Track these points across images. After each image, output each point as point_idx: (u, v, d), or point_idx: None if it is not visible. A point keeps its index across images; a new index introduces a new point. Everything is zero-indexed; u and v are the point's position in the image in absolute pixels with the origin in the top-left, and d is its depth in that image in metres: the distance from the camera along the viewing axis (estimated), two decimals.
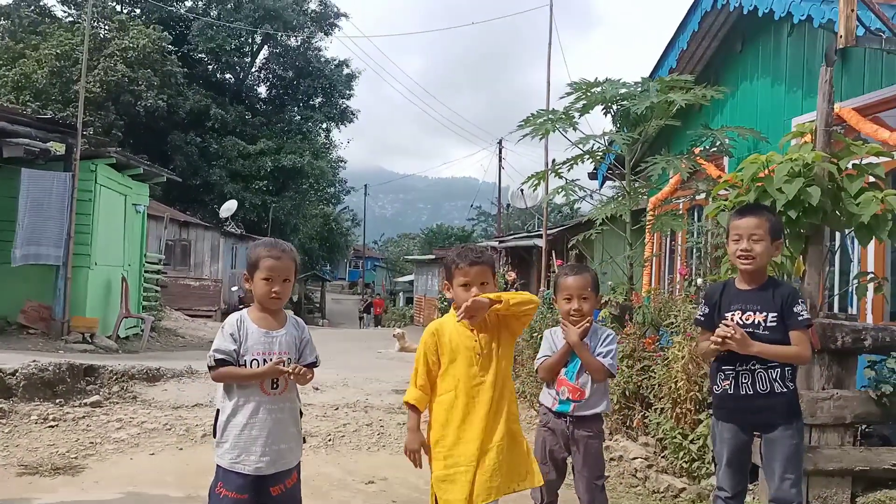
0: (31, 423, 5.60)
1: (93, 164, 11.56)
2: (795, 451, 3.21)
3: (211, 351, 3.01)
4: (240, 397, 3.06)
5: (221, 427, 3.05)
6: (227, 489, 3.04)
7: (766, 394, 3.22)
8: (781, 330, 3.21)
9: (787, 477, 3.20)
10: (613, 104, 6.59)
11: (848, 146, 4.61)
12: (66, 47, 26.89)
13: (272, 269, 3.12)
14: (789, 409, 3.24)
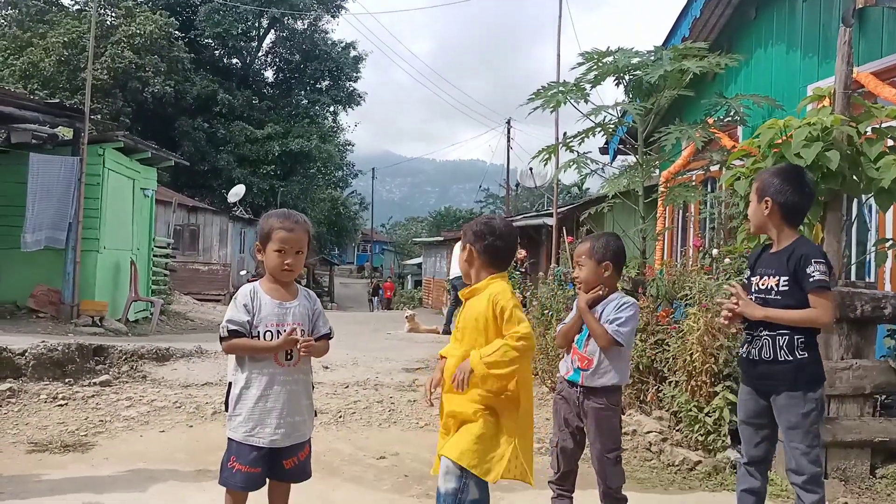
0: (41, 402, 5.58)
1: (100, 148, 11.51)
2: (802, 421, 3.08)
3: (224, 322, 2.96)
4: (253, 369, 3.02)
5: (234, 400, 3.02)
6: (240, 463, 3.00)
7: (770, 361, 3.14)
8: (796, 294, 3.09)
9: (796, 447, 3.11)
10: (626, 74, 6.45)
11: (868, 109, 4.50)
12: (73, 35, 26.88)
13: (284, 240, 3.08)
14: (794, 377, 3.09)
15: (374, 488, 4.22)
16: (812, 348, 3.12)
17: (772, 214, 3.20)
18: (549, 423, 5.74)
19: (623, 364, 3.45)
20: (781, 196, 3.17)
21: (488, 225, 3.07)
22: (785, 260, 3.14)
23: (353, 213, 50.72)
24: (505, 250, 3.05)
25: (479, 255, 3.04)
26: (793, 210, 3.19)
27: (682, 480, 4.54)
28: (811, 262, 3.05)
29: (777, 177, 3.22)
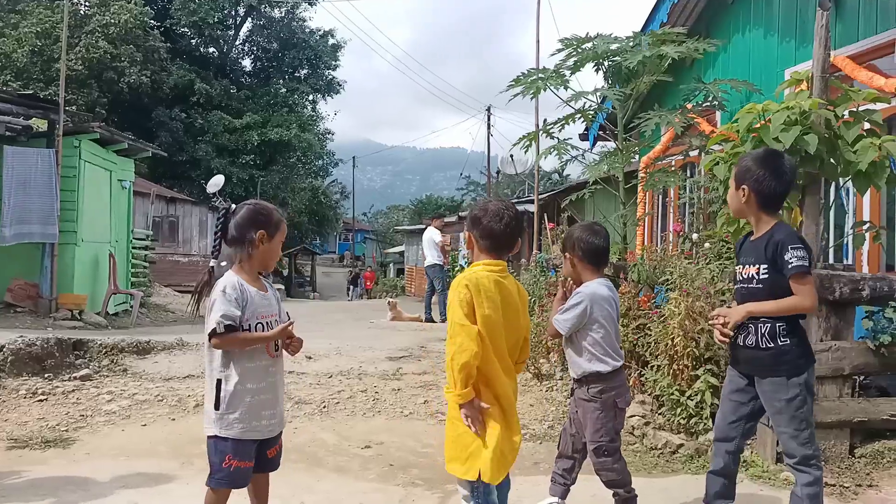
0: (20, 398, 5.52)
1: (76, 139, 11.35)
2: (787, 406, 3.10)
3: (217, 317, 2.86)
4: (247, 363, 2.99)
5: (227, 397, 2.94)
6: (237, 459, 2.97)
7: (753, 347, 3.17)
8: (777, 281, 3.09)
9: (783, 431, 3.15)
10: (605, 60, 6.45)
11: (845, 93, 4.53)
12: (47, 25, 26.41)
13: (284, 233, 3.17)
14: (776, 363, 3.12)
15: (360, 478, 4.22)
16: (794, 334, 3.12)
17: (749, 201, 3.19)
18: (532, 409, 5.78)
19: (590, 351, 3.42)
20: (758, 183, 3.15)
21: (481, 208, 3.00)
22: (763, 248, 3.14)
23: (334, 202, 50.48)
24: (500, 232, 2.93)
25: (477, 240, 2.98)
26: (770, 197, 3.17)
27: (665, 464, 4.58)
28: (788, 249, 3.04)
29: (755, 163, 3.19)
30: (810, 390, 3.15)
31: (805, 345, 3.18)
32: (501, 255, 2.97)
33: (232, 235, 3.05)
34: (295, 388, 6.05)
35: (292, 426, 5.14)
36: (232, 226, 3.05)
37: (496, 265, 2.92)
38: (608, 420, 3.41)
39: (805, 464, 3.11)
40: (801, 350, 3.14)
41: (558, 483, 3.58)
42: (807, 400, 3.12)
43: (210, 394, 2.97)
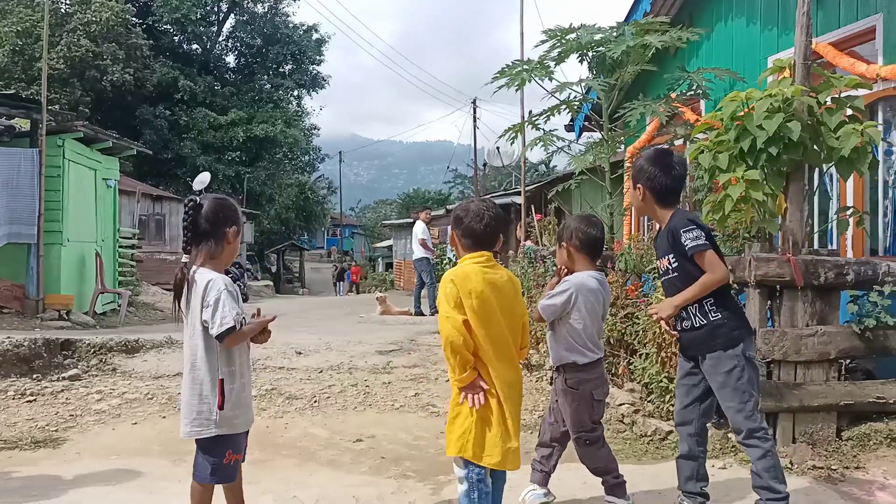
0: (9, 399, 5.49)
1: (60, 139, 11.26)
2: (727, 379, 3.21)
3: (231, 315, 2.86)
4: (238, 358, 3.02)
5: (231, 394, 2.96)
6: (236, 453, 3.04)
7: (689, 329, 3.32)
8: (687, 266, 3.24)
9: (728, 406, 3.25)
10: (589, 51, 6.47)
11: (827, 79, 4.56)
12: (27, 24, 26.17)
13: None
14: (711, 338, 3.24)
15: (352, 471, 4.23)
16: (725, 307, 3.24)
17: (646, 199, 3.38)
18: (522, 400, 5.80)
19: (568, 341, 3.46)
20: (650, 181, 3.34)
21: (464, 208, 3.12)
22: (665, 239, 3.33)
23: (322, 198, 50.34)
24: (480, 231, 3.04)
25: (459, 239, 3.11)
26: (663, 192, 3.34)
27: (655, 450, 4.62)
28: (681, 234, 3.20)
29: (646, 163, 3.38)
30: (750, 362, 3.23)
31: (739, 317, 3.29)
32: (481, 249, 3.07)
33: (204, 229, 3.02)
34: (286, 383, 6.05)
35: (283, 421, 5.15)
36: (203, 220, 3.02)
37: (482, 256, 3.03)
38: (585, 411, 3.46)
39: (751, 437, 3.20)
40: (735, 323, 3.25)
41: (537, 470, 3.65)
42: (745, 370, 3.21)
43: (209, 395, 2.93)
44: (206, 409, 2.93)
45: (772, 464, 3.16)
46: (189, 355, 2.99)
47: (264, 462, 4.32)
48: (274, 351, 7.08)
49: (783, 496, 3.15)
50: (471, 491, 2.96)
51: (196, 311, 2.93)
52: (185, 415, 2.98)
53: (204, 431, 2.94)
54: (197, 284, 2.95)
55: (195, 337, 2.96)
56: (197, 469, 3.04)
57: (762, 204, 4.48)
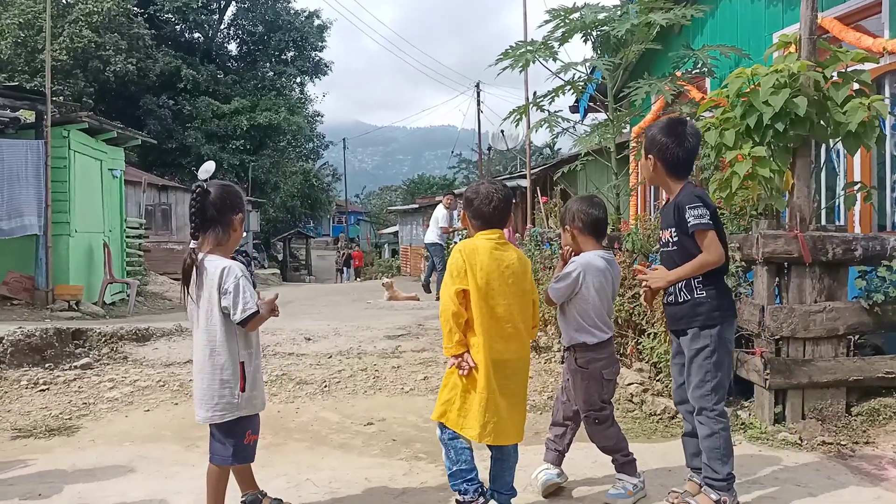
0: (22, 389, 5.53)
1: (65, 130, 11.30)
2: (696, 356, 3.24)
3: (253, 301, 2.97)
4: (254, 339, 3.13)
5: (250, 376, 3.06)
6: (254, 433, 3.14)
7: (673, 303, 3.34)
8: (686, 241, 3.23)
9: (690, 380, 3.28)
10: (593, 30, 6.43)
11: (833, 54, 4.53)
12: (29, 16, 26.12)
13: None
14: (691, 314, 3.25)
15: (364, 454, 4.26)
16: (711, 286, 3.22)
17: (657, 170, 3.33)
18: (531, 381, 5.82)
19: (578, 321, 3.47)
20: (662, 153, 3.29)
21: (474, 190, 3.27)
22: (671, 212, 3.30)
23: (327, 185, 50.34)
24: (489, 211, 3.19)
25: (470, 219, 3.27)
26: (675, 163, 3.29)
27: (665, 429, 4.64)
28: (686, 209, 3.17)
29: (659, 132, 3.32)
30: (723, 345, 3.22)
31: (723, 299, 3.25)
32: (491, 228, 3.22)
33: (211, 216, 3.06)
34: (295, 368, 6.09)
35: (294, 406, 5.19)
36: (210, 206, 3.06)
37: (493, 233, 3.18)
38: (595, 390, 3.47)
39: (700, 413, 3.22)
40: (717, 304, 3.23)
41: (550, 449, 3.66)
42: (716, 353, 3.20)
43: (231, 378, 3.00)
44: (227, 392, 3.00)
45: (717, 445, 3.17)
46: (206, 341, 3.02)
47: (277, 446, 4.35)
48: (283, 337, 7.12)
49: (721, 478, 3.16)
50: (447, 451, 3.16)
51: (213, 297, 2.97)
52: (206, 400, 3.02)
53: (227, 415, 3.01)
54: (208, 271, 3.00)
55: (213, 323, 3.00)
56: (215, 452, 3.09)
57: (769, 181, 4.47)
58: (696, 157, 3.42)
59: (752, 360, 4.58)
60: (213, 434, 3.10)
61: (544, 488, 3.49)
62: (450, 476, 3.19)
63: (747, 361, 4.63)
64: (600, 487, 3.57)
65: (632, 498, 3.39)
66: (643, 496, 3.44)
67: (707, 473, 3.20)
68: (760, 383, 4.51)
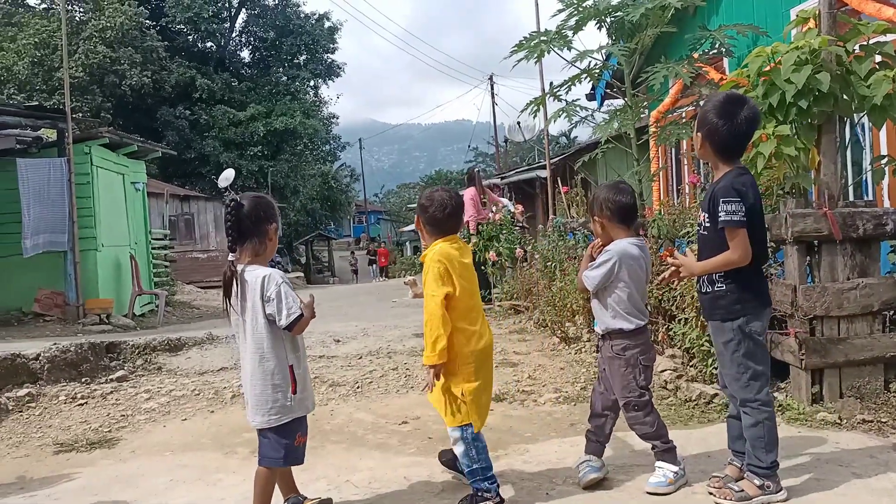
0: (61, 404, 5.62)
1: (86, 146, 11.43)
2: (724, 350, 3.23)
3: (297, 305, 3.05)
4: (300, 343, 3.23)
5: (300, 379, 3.16)
6: (303, 435, 3.22)
7: (699, 292, 3.37)
8: (716, 230, 3.16)
9: (726, 373, 3.28)
10: (607, 16, 6.38)
11: (854, 27, 4.47)
12: (44, 35, 26.46)
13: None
14: (712, 306, 3.25)
15: (401, 453, 4.28)
16: (732, 280, 3.16)
17: (704, 148, 3.24)
18: (562, 373, 5.82)
19: (614, 309, 3.47)
20: (711, 134, 3.17)
21: (428, 198, 3.45)
22: (708, 198, 3.24)
23: (345, 186, 50.51)
24: (443, 218, 3.40)
25: (423, 225, 3.48)
26: (722, 145, 3.17)
27: (701, 414, 4.61)
28: (719, 202, 3.09)
29: (712, 110, 3.18)
30: (749, 336, 3.17)
31: (745, 291, 3.17)
32: (445, 234, 3.42)
33: (247, 228, 3.12)
34: (327, 371, 6.12)
35: (328, 408, 5.22)
36: (246, 219, 3.11)
37: (452, 239, 3.42)
38: (634, 376, 3.46)
39: (745, 405, 3.20)
40: (738, 296, 3.17)
41: (591, 441, 3.62)
42: (742, 345, 3.17)
43: (282, 383, 3.09)
44: (280, 396, 3.09)
45: (761, 434, 3.14)
46: (254, 349, 3.09)
47: (314, 449, 4.37)
48: (312, 340, 7.16)
49: (765, 466, 3.14)
50: (469, 449, 3.28)
51: (257, 306, 3.05)
52: (260, 406, 3.09)
53: (283, 418, 3.10)
54: (249, 282, 3.07)
55: (259, 330, 3.07)
56: (265, 455, 3.14)
57: (795, 159, 4.43)
58: (749, 140, 3.28)
59: (786, 341, 4.53)
60: (264, 437, 3.15)
61: (586, 482, 3.48)
62: (469, 473, 3.30)
63: (782, 343, 4.58)
64: (640, 476, 3.55)
65: (673, 486, 3.37)
66: (684, 483, 3.42)
67: (750, 461, 3.18)
68: (796, 364, 4.47)
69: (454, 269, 3.29)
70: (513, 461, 3.98)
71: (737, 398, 3.24)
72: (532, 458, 4.02)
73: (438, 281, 3.25)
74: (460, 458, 3.34)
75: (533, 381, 5.64)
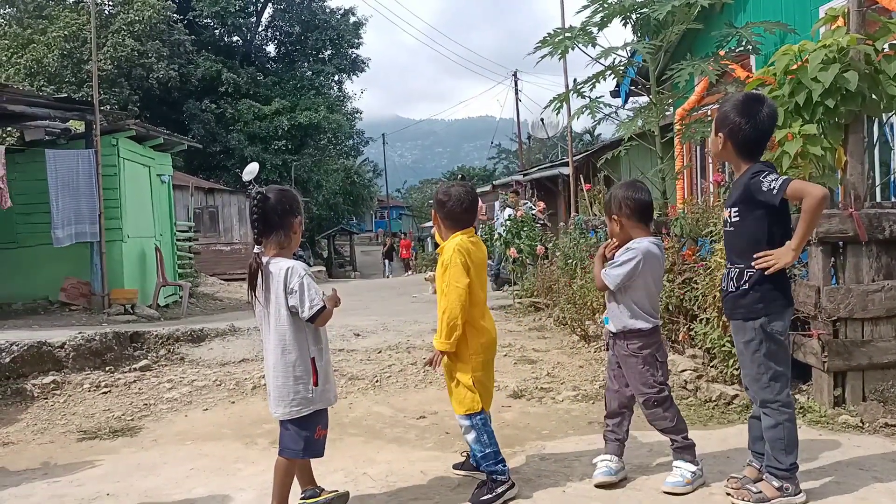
0: (85, 392, 5.71)
1: (113, 138, 11.58)
2: (744, 349, 3.21)
3: (319, 297, 3.09)
4: (322, 336, 3.23)
5: (321, 371, 3.17)
6: (324, 428, 3.24)
7: (724, 292, 3.32)
8: (746, 221, 3.14)
9: (746, 373, 3.26)
10: (632, 13, 6.34)
11: (884, 25, 4.40)
12: (74, 28, 26.80)
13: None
14: (734, 305, 3.23)
15: (418, 447, 4.30)
16: (760, 281, 3.11)
17: (726, 148, 3.22)
18: (581, 371, 5.81)
19: (633, 308, 3.46)
20: (734, 133, 3.16)
21: (445, 193, 3.54)
22: (738, 190, 3.19)
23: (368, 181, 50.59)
24: (460, 212, 3.50)
25: (441, 220, 3.56)
26: (745, 144, 3.16)
27: (721, 415, 4.58)
28: (759, 180, 3.04)
29: (732, 110, 3.18)
30: (770, 337, 3.13)
31: (768, 292, 3.13)
32: (462, 228, 3.51)
33: (273, 221, 3.14)
34: (346, 364, 6.16)
35: (347, 401, 5.25)
36: (272, 211, 3.13)
37: (469, 233, 3.52)
38: (651, 373, 3.46)
39: (765, 406, 3.17)
40: (760, 296, 3.14)
41: (610, 440, 3.61)
42: (764, 344, 3.14)
43: (304, 374, 3.12)
44: (302, 388, 3.11)
45: (780, 436, 3.11)
46: (277, 341, 3.12)
47: (333, 441, 4.38)
48: (332, 334, 7.20)
49: (784, 468, 3.11)
50: (480, 435, 3.41)
51: (280, 298, 3.08)
52: (282, 397, 3.12)
53: (304, 410, 3.12)
54: (273, 274, 3.10)
55: (281, 322, 3.10)
56: (286, 446, 3.17)
57: (821, 159, 4.38)
58: (770, 138, 3.28)
59: (809, 342, 4.49)
60: (286, 428, 3.18)
61: (597, 482, 3.47)
62: (482, 458, 3.41)
63: (804, 344, 4.54)
64: (657, 476, 3.54)
65: (690, 486, 3.36)
66: (702, 484, 3.40)
67: (769, 462, 3.16)
68: (818, 366, 4.43)
69: (471, 262, 3.41)
70: (530, 458, 3.98)
71: (756, 399, 3.22)
72: (549, 454, 4.02)
73: (462, 271, 3.35)
74: (472, 444, 3.45)
75: (552, 378, 5.64)
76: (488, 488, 3.35)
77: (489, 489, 3.34)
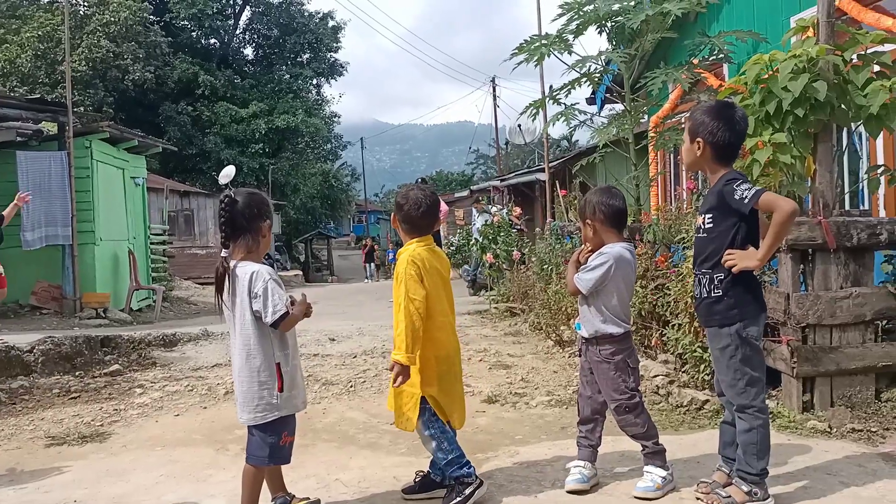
0: (54, 397, 5.63)
1: (87, 140, 11.47)
2: (720, 355, 3.23)
3: (282, 302, 3.04)
4: (290, 340, 3.19)
5: (287, 377, 3.13)
6: (290, 435, 3.20)
7: (699, 298, 3.31)
8: (719, 227, 3.16)
9: (722, 378, 3.28)
10: (607, 21, 6.40)
11: (853, 36, 4.48)
12: (48, 28, 26.45)
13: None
14: (709, 312, 3.24)
15: (391, 453, 4.28)
16: (733, 286, 3.14)
17: (704, 154, 3.23)
18: (556, 376, 5.83)
19: (605, 313, 3.47)
20: (713, 136, 3.18)
21: (404, 196, 3.47)
22: (710, 197, 3.23)
23: (346, 185, 50.46)
24: (417, 216, 3.40)
25: (399, 223, 3.48)
26: (724, 149, 3.20)
27: (692, 420, 4.61)
28: (733, 188, 3.06)
29: (708, 116, 3.21)
30: (746, 342, 3.16)
31: (741, 297, 3.16)
32: (421, 235, 3.43)
33: (241, 224, 3.12)
34: (321, 369, 6.14)
35: (321, 407, 5.23)
36: (239, 215, 3.11)
37: (425, 241, 3.42)
38: (623, 379, 3.47)
39: (741, 411, 3.19)
40: (734, 302, 3.16)
41: (584, 447, 3.62)
42: (739, 350, 3.16)
43: (268, 380, 3.08)
44: (266, 393, 3.08)
45: (754, 440, 3.14)
46: (241, 345, 3.10)
47: (305, 447, 4.38)
48: (308, 338, 7.18)
49: (754, 473, 3.13)
50: (440, 443, 3.35)
51: (245, 302, 3.05)
52: (246, 403, 3.09)
53: (268, 416, 3.08)
54: (240, 278, 3.07)
55: (246, 327, 3.07)
56: (252, 452, 3.14)
57: (790, 167, 4.44)
58: (743, 143, 3.34)
59: (778, 348, 4.54)
60: (252, 434, 3.15)
61: (569, 488, 3.48)
62: (446, 465, 3.36)
63: (774, 350, 4.59)
64: (628, 481, 3.56)
65: (661, 491, 3.38)
66: (672, 489, 3.43)
67: (741, 466, 3.18)
68: (788, 372, 4.48)
69: (426, 272, 3.31)
70: (502, 463, 3.98)
71: (733, 404, 3.23)
72: (522, 460, 4.03)
73: (418, 282, 3.27)
74: (434, 454, 3.40)
75: (526, 383, 5.65)
76: (457, 492, 3.34)
77: (458, 493, 3.34)
